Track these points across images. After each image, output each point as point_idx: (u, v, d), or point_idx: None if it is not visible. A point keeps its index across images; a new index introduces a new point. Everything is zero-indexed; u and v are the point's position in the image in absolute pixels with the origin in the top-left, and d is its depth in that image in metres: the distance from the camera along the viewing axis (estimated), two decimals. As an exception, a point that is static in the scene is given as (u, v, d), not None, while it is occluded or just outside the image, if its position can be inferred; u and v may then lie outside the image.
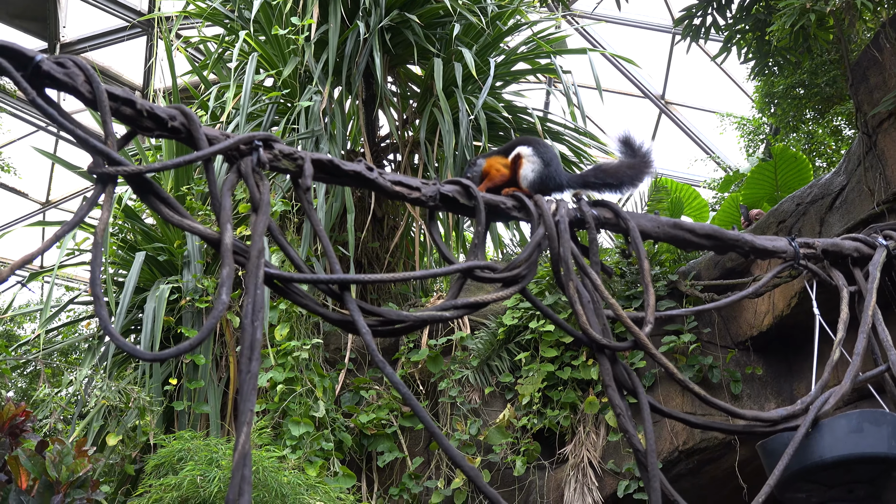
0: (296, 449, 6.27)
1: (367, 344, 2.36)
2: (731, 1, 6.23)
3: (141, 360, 3.52)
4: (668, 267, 6.99)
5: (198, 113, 8.61)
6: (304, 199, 2.48)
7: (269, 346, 6.69)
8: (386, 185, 2.77)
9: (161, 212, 2.17)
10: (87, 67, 2.06)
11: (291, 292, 2.40)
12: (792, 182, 8.64)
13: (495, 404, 6.96)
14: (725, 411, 3.23)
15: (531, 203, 3.10)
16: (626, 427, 2.88)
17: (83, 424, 6.56)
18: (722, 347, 6.61)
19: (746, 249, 3.60)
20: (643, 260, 3.14)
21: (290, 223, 7.33)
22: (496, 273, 2.89)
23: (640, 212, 9.01)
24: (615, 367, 2.97)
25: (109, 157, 2.04)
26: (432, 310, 2.66)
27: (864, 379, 3.51)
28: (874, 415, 3.25)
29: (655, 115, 14.39)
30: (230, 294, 2.11)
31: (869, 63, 5.50)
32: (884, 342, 3.59)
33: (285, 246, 2.38)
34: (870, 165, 5.50)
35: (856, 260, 3.75)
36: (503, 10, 8.84)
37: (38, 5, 13.50)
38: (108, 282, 6.95)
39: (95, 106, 2.06)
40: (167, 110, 2.20)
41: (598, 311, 2.99)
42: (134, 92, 9.54)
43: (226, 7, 8.80)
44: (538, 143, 3.44)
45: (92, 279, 1.90)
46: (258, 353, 2.00)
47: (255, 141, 2.34)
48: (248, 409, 1.96)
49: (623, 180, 3.47)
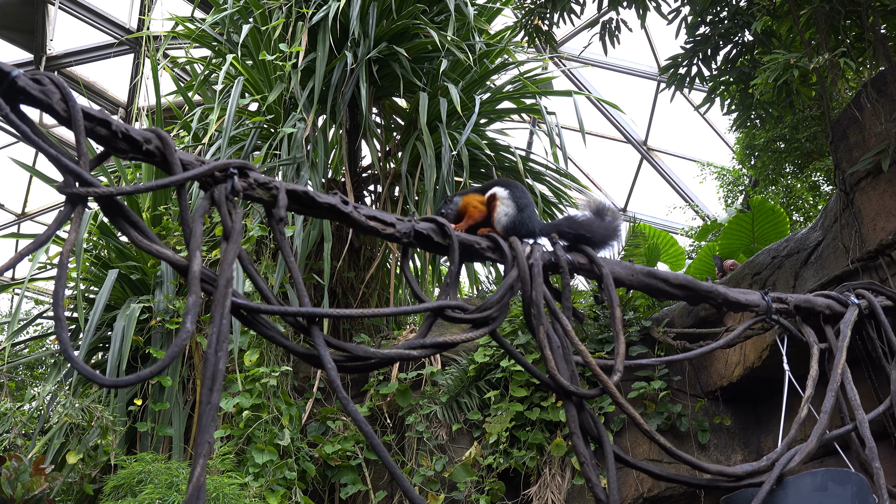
0: (258, 477, 6.20)
1: (331, 380, 2.33)
2: (717, 53, 6.29)
3: (100, 385, 3.47)
4: (641, 313, 6.99)
5: (180, 133, 8.60)
6: (276, 230, 2.46)
7: (238, 371, 6.63)
8: (360, 220, 2.75)
9: (130, 235, 2.13)
10: (63, 85, 2.04)
11: (258, 323, 2.37)
12: (769, 234, 8.70)
13: (462, 441, 6.91)
14: (690, 464, 3.22)
15: (506, 245, 3.09)
16: (588, 476, 2.86)
17: (43, 441, 6.46)
18: (692, 396, 6.61)
19: (719, 301, 3.61)
20: (615, 308, 3.13)
21: (266, 248, 7.29)
22: (467, 314, 2.87)
23: (617, 257, 9.04)
24: (581, 415, 2.95)
25: (81, 178, 2.01)
26: (400, 347, 2.63)
27: (830, 437, 3.51)
28: (839, 474, 3.25)
29: (637, 161, 14.49)
30: (195, 322, 2.08)
31: (849, 122, 5.55)
32: (852, 401, 3.60)
33: (255, 276, 2.35)
34: (846, 223, 5.54)
35: (827, 317, 3.77)
36: (491, 48, 8.91)
37: (27, 17, 13.47)
38: (79, 298, 6.87)
39: (70, 124, 2.03)
40: (143, 133, 2.18)
41: (568, 356, 2.97)
42: (118, 109, 9.52)
43: (215, 30, 8.82)
44: (515, 187, 3.43)
45: (55, 300, 1.86)
46: (220, 384, 1.97)
47: (231, 168, 2.32)
48: (206, 440, 1.92)
49: (595, 234, 3.45)
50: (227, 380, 6.57)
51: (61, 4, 13.49)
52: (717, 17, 6.18)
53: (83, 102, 2.15)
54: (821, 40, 5.46)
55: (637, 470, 3.08)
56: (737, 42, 6.23)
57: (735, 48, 6.24)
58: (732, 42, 6.21)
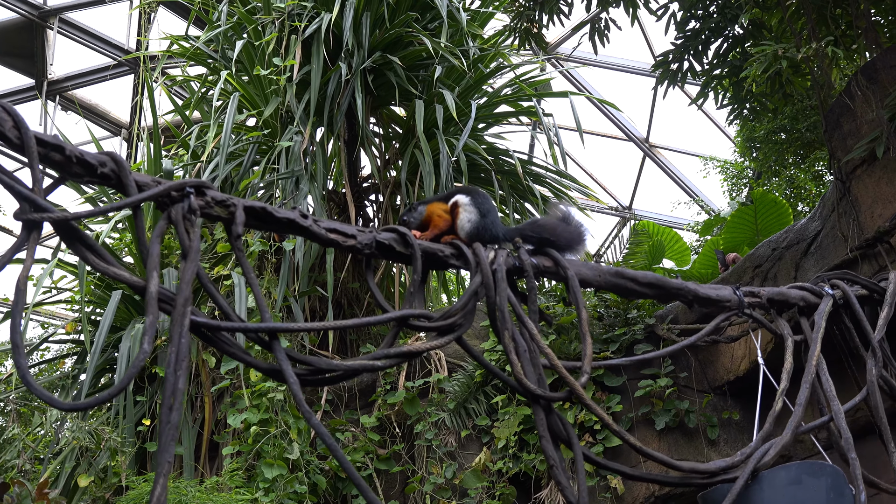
0: (269, 492, 6.20)
1: (293, 394, 2.34)
2: (708, 47, 6.28)
3: (59, 409, 3.49)
4: (646, 310, 6.98)
5: (179, 152, 8.62)
6: (234, 246, 2.46)
7: (244, 386, 6.63)
8: (320, 233, 2.76)
9: (87, 259, 2.15)
10: (15, 113, 2.05)
11: (219, 340, 2.37)
12: (772, 226, 8.67)
13: (471, 447, 6.90)
14: (660, 462, 3.22)
15: (469, 251, 3.09)
16: (558, 479, 2.86)
17: (55, 465, 6.49)
18: (699, 392, 6.59)
19: (690, 298, 3.60)
20: (581, 309, 3.12)
21: (268, 263, 7.30)
22: (431, 322, 2.88)
23: (619, 256, 9.03)
24: (550, 418, 2.96)
25: (35, 203, 2.03)
26: (364, 359, 2.64)
27: (806, 430, 3.50)
28: (813, 466, 3.25)
29: (639, 158, 14.48)
30: (153, 342, 2.09)
31: (842, 110, 5.53)
32: (827, 392, 3.59)
33: (213, 293, 2.36)
34: (843, 211, 5.52)
35: (802, 309, 3.75)
36: (485, 53, 8.90)
37: (26, 42, 13.55)
38: (84, 320, 6.89)
39: (23, 151, 2.05)
40: (97, 157, 2.19)
41: (535, 360, 2.97)
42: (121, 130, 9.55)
43: (209, 47, 8.84)
44: (477, 193, 3.44)
45: (12, 326, 1.88)
46: (180, 402, 1.97)
47: (187, 188, 2.33)
48: (166, 459, 1.93)
49: (559, 238, 3.44)
50: (234, 396, 6.59)
51: (60, 28, 13.57)
52: (706, 12, 6.17)
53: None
54: (810, 30, 5.45)
55: (608, 470, 3.09)
56: (727, 36, 6.22)
57: (726, 42, 6.23)
58: (723, 36, 6.21)
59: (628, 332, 6.83)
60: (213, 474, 6.67)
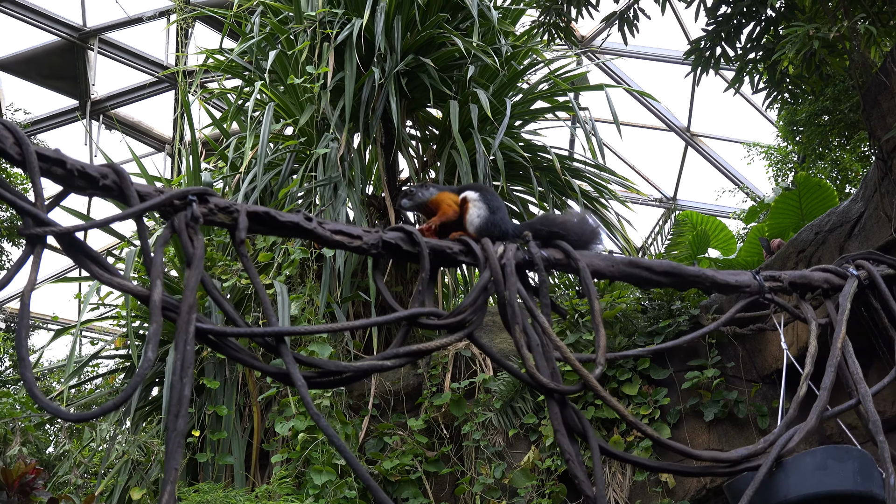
0: (318, 498, 6.23)
1: (301, 397, 2.35)
2: (740, 32, 6.17)
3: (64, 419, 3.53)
4: (690, 301, 6.89)
5: (218, 164, 8.70)
6: (239, 251, 2.48)
7: (290, 394, 6.67)
8: (325, 235, 2.76)
9: (91, 270, 2.17)
10: (16, 129, 2.08)
11: (226, 347, 2.39)
12: (817, 210, 8.50)
13: (519, 446, 6.87)
14: (680, 452, 3.18)
15: (478, 247, 3.07)
16: (575, 473, 2.83)
17: (108, 479, 6.58)
18: (747, 381, 6.48)
19: (707, 285, 3.55)
20: (593, 300, 3.08)
21: (309, 270, 7.34)
22: (441, 320, 2.86)
23: (662, 248, 8.94)
24: (564, 412, 2.93)
25: (37, 218, 2.05)
26: (374, 359, 2.64)
27: (832, 414, 3.43)
28: (839, 451, 3.19)
29: (682, 148, 14.33)
30: (156, 351, 2.10)
31: (879, 88, 5.42)
32: (854, 374, 3.51)
33: (220, 300, 2.38)
34: (886, 191, 5.40)
35: (826, 291, 3.67)
36: (517, 50, 8.87)
37: (68, 65, 13.79)
38: (131, 335, 6.98)
39: (25, 167, 2.08)
40: (99, 169, 2.22)
41: (548, 354, 2.95)
42: (164, 146, 9.72)
43: (244, 59, 8.92)
44: (486, 191, 3.43)
45: (17, 340, 1.90)
46: (185, 409, 1.99)
47: (189, 196, 2.35)
48: (173, 467, 1.95)
49: (570, 232, 3.40)
50: (280, 404, 6.63)
51: (100, 49, 13.78)
52: (737, -4, 6.08)
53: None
54: (843, 8, 5.34)
55: (626, 462, 3.06)
56: (760, 19, 6.11)
57: (758, 25, 6.12)
58: (755, 19, 6.10)
59: (672, 323, 6.75)
60: (264, 483, 6.72)
